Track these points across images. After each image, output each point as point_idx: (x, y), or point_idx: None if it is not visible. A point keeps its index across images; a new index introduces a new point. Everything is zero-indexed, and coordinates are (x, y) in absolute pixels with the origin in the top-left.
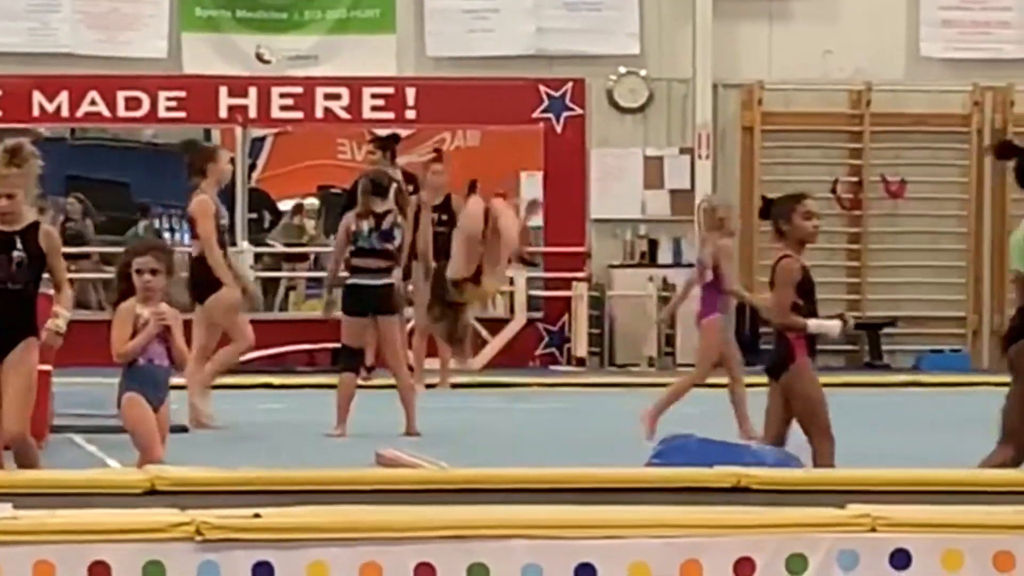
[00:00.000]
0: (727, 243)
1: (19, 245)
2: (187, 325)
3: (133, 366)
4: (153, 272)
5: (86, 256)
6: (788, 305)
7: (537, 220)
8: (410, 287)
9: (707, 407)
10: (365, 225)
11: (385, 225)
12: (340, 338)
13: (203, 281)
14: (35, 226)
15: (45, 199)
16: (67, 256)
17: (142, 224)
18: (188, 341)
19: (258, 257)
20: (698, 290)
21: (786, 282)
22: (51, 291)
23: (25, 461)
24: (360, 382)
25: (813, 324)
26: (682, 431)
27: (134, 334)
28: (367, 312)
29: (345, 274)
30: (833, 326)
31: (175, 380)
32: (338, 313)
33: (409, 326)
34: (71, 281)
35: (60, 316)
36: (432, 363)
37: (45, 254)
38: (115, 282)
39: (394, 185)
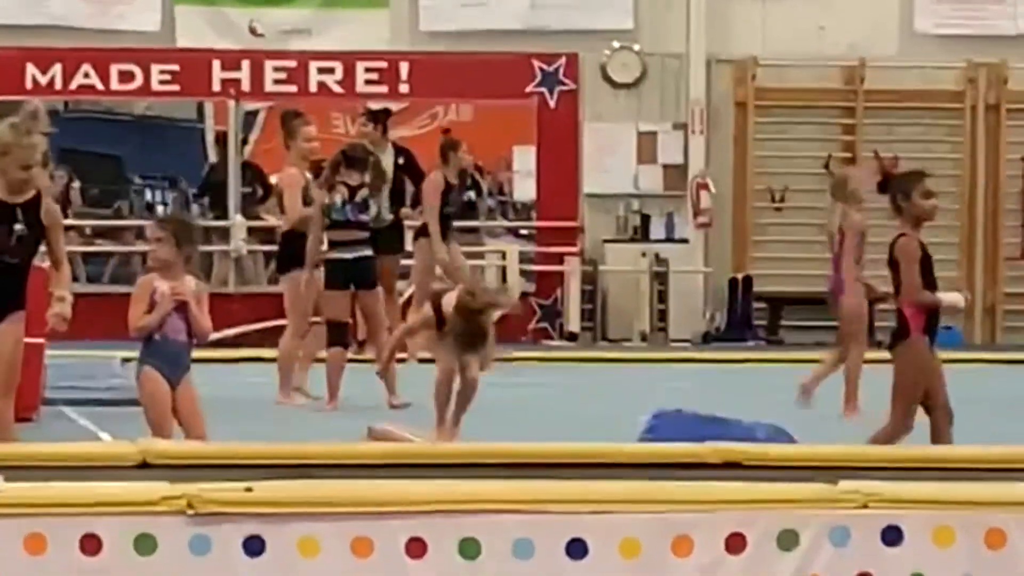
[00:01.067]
0: (857, 215)
1: (20, 217)
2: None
3: (150, 341)
4: (157, 240)
5: (76, 228)
6: (919, 282)
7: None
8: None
9: (698, 382)
10: (338, 198)
11: (359, 198)
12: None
13: (288, 256)
14: (37, 198)
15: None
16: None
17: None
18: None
19: (250, 231)
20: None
21: (912, 259)
22: (44, 264)
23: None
24: (352, 356)
25: (945, 298)
26: (674, 407)
27: (152, 309)
28: (347, 285)
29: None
30: (958, 299)
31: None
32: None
33: (403, 299)
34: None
35: (65, 300)
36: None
37: (46, 228)
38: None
39: (371, 159)
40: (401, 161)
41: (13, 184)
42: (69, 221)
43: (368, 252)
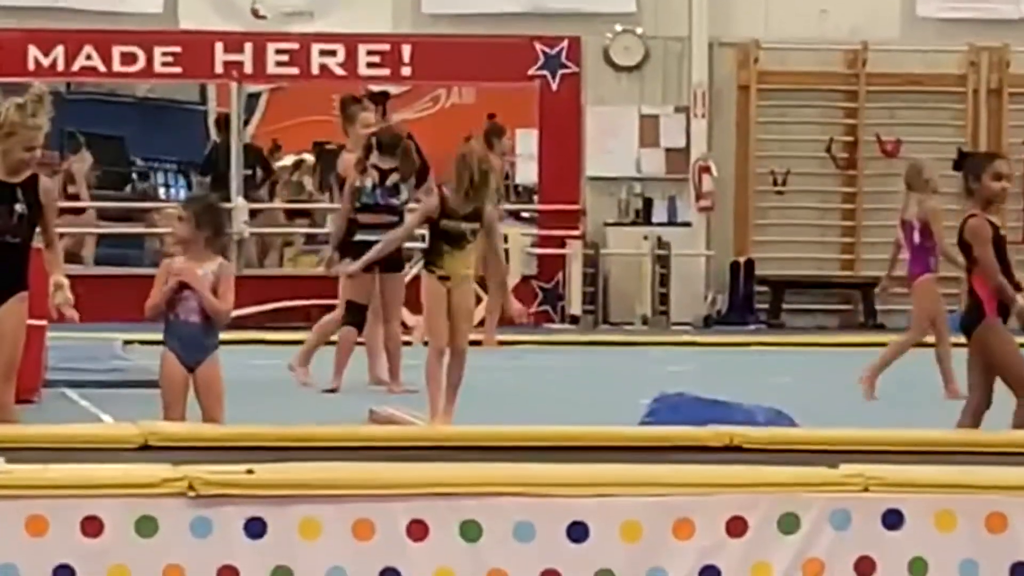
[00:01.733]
0: (935, 203)
1: (20, 197)
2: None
3: (167, 322)
4: (179, 219)
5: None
6: (996, 264)
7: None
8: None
9: (699, 365)
10: (368, 181)
11: (389, 182)
12: (344, 294)
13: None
14: (34, 178)
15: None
16: (65, 211)
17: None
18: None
19: (253, 213)
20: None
21: (984, 240)
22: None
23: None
24: (359, 339)
25: (1020, 301)
26: (675, 390)
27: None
28: (371, 268)
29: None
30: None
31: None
32: (342, 269)
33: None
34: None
35: (63, 286)
36: None
37: (42, 208)
38: None
39: (402, 144)
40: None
41: (13, 165)
42: (73, 204)
43: None
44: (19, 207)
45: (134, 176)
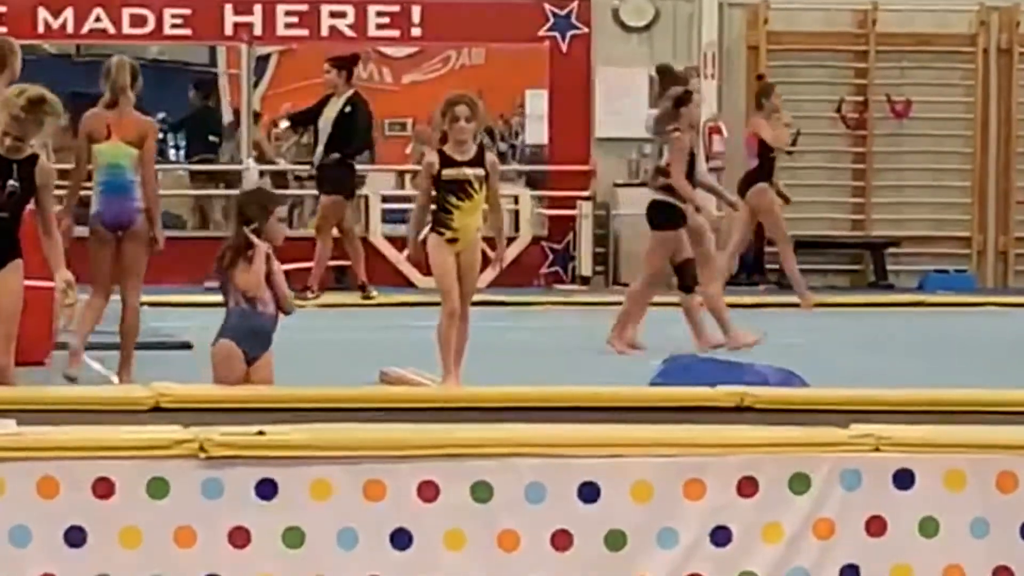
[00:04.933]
0: None
1: (15, 175)
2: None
3: (239, 310)
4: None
5: None
6: None
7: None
8: None
9: (710, 326)
10: None
11: None
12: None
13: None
14: (33, 159)
15: None
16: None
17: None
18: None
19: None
20: None
21: None
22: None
23: None
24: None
25: None
26: (686, 350)
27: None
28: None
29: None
30: None
31: None
32: None
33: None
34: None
35: (72, 287)
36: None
37: (37, 188)
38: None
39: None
40: (348, 109)
41: (10, 147)
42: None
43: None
44: (11, 184)
45: None
